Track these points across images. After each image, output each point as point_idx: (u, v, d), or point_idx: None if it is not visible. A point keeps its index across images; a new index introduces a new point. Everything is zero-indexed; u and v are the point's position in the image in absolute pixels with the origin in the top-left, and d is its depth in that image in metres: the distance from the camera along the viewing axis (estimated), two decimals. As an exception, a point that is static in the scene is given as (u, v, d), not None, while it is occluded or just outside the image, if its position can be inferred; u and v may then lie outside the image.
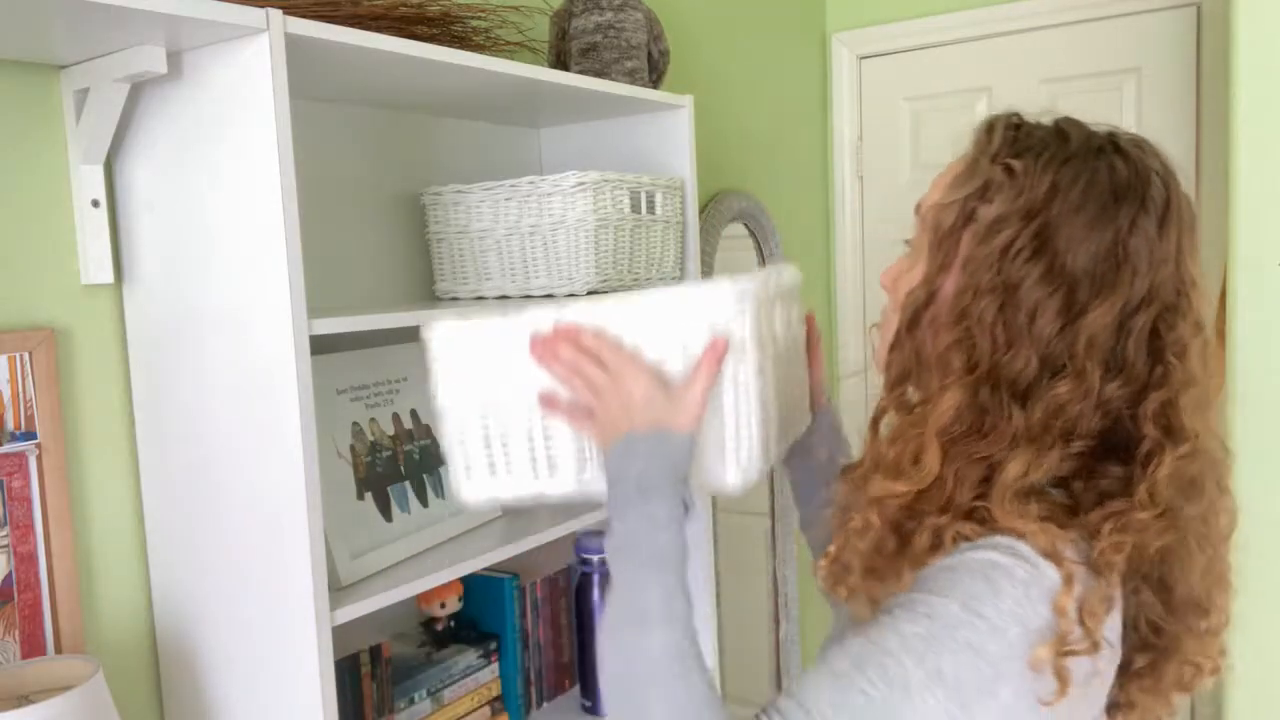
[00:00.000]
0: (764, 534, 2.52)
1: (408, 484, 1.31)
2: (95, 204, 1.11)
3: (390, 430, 1.31)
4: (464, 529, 1.34)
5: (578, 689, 1.58)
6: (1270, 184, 1.75)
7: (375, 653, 1.28)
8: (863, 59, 2.80)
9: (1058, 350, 0.76)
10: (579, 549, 1.53)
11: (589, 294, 1.37)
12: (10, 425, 1.05)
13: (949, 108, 2.70)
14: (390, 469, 1.29)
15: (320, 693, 1.03)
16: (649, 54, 1.59)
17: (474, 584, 1.49)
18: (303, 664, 1.03)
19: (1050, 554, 0.73)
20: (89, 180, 1.10)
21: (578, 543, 1.54)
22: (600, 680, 0.79)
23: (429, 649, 1.42)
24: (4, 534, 1.04)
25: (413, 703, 1.34)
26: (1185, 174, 0.83)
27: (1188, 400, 0.77)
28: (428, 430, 1.37)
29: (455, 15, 1.30)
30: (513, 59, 1.29)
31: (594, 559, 1.52)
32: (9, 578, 1.05)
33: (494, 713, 1.46)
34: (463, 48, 1.28)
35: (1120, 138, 0.81)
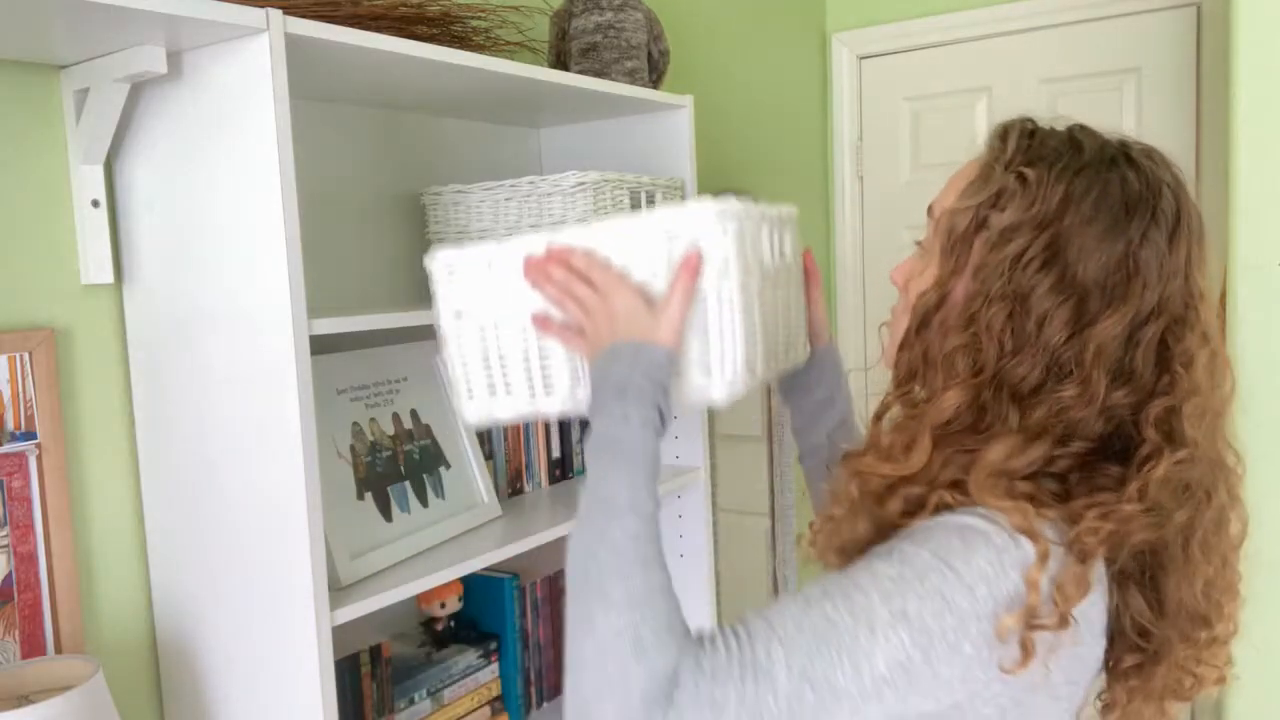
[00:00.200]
0: (764, 534, 2.52)
1: (408, 484, 1.31)
2: (95, 204, 1.11)
3: (390, 430, 1.31)
4: (464, 529, 1.34)
5: (578, 689, 1.58)
6: (1270, 184, 1.75)
7: (375, 653, 1.28)
8: (863, 59, 2.80)
9: (1064, 358, 0.77)
10: (579, 549, 1.53)
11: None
12: (10, 425, 1.05)
13: (949, 108, 2.71)
14: (390, 469, 1.29)
15: (320, 693, 1.03)
16: (649, 54, 1.59)
17: (474, 584, 1.49)
18: (303, 664, 1.03)
19: (1024, 530, 0.74)
20: (89, 180, 1.10)
21: (578, 543, 1.53)
22: (566, 564, 0.81)
23: (429, 649, 1.42)
24: (4, 534, 1.04)
25: (413, 703, 1.34)
26: (1185, 175, 0.84)
27: (1191, 409, 0.78)
28: (428, 430, 1.37)
29: (455, 15, 1.30)
30: (513, 59, 1.29)
31: (594, 559, 1.52)
32: (9, 578, 1.05)
33: (494, 713, 1.46)
34: (463, 48, 1.28)
35: (1132, 148, 0.82)
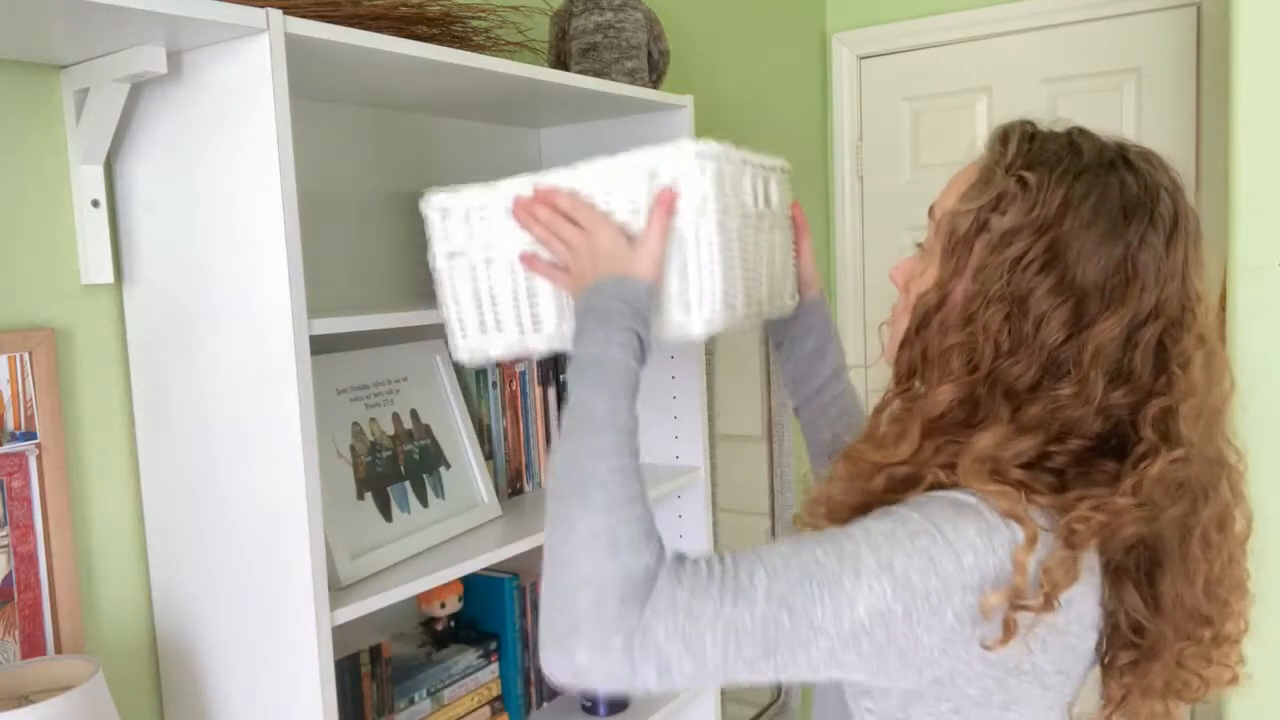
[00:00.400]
0: (764, 534, 2.52)
1: (408, 484, 1.31)
2: (95, 204, 1.11)
3: (390, 430, 1.31)
4: (464, 529, 1.34)
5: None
6: (1270, 184, 1.75)
7: (375, 653, 1.28)
8: (863, 59, 2.80)
9: (1062, 358, 0.79)
10: (579, 549, 1.53)
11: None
12: (10, 425, 1.05)
13: (949, 108, 2.71)
14: (390, 469, 1.29)
15: (320, 693, 1.03)
16: (649, 54, 1.59)
17: (474, 584, 1.49)
18: (303, 664, 1.03)
19: (1010, 514, 0.75)
20: (89, 180, 1.10)
21: (578, 543, 1.53)
22: (548, 474, 0.84)
23: (429, 649, 1.42)
24: (4, 534, 1.04)
25: (413, 703, 1.34)
26: (1185, 174, 0.85)
27: (1187, 409, 0.79)
28: (428, 430, 1.37)
29: (455, 15, 1.30)
30: (513, 59, 1.29)
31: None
32: (9, 578, 1.05)
33: (494, 713, 1.46)
34: (463, 48, 1.28)
35: (1130, 151, 0.83)
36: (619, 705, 1.54)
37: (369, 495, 1.25)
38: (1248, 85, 1.76)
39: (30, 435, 1.06)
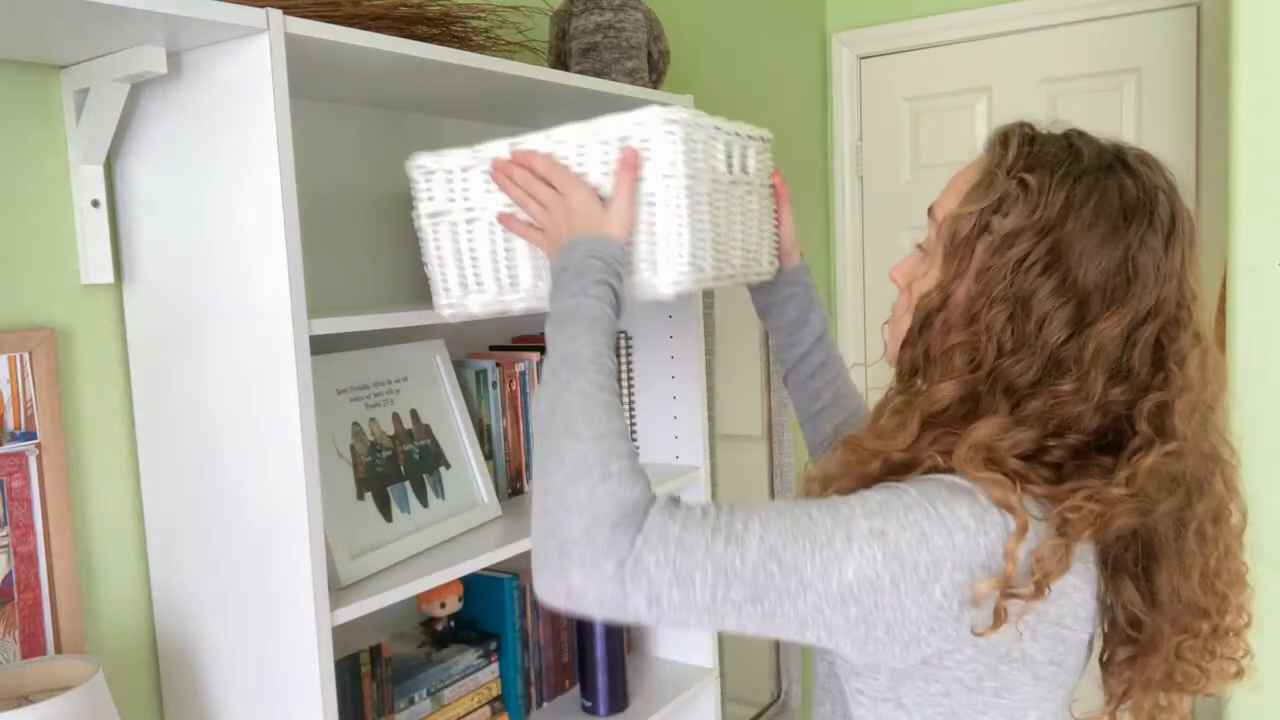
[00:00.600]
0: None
1: (408, 484, 1.31)
2: (95, 204, 1.11)
3: (390, 430, 1.31)
4: (464, 529, 1.34)
5: (578, 689, 1.58)
6: (1270, 184, 1.75)
7: (375, 653, 1.28)
8: (863, 59, 2.80)
9: (1063, 357, 0.80)
10: (579, 549, 1.53)
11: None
12: (10, 425, 1.05)
13: (949, 108, 2.71)
14: (390, 469, 1.29)
15: (320, 693, 1.03)
16: (649, 54, 1.59)
17: (474, 584, 1.49)
18: (303, 664, 1.03)
19: (1001, 503, 0.76)
20: (89, 180, 1.10)
21: (578, 543, 1.53)
22: (534, 417, 0.87)
23: (429, 649, 1.42)
24: (4, 534, 1.04)
25: (413, 703, 1.34)
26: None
27: (1182, 405, 0.80)
28: (428, 430, 1.37)
29: (455, 15, 1.30)
30: (513, 59, 1.29)
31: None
32: (9, 578, 1.05)
33: (494, 713, 1.46)
34: (463, 48, 1.28)
35: (1127, 153, 0.85)
36: (619, 705, 1.54)
37: (369, 495, 1.25)
38: (1248, 85, 1.76)
39: (30, 435, 1.06)
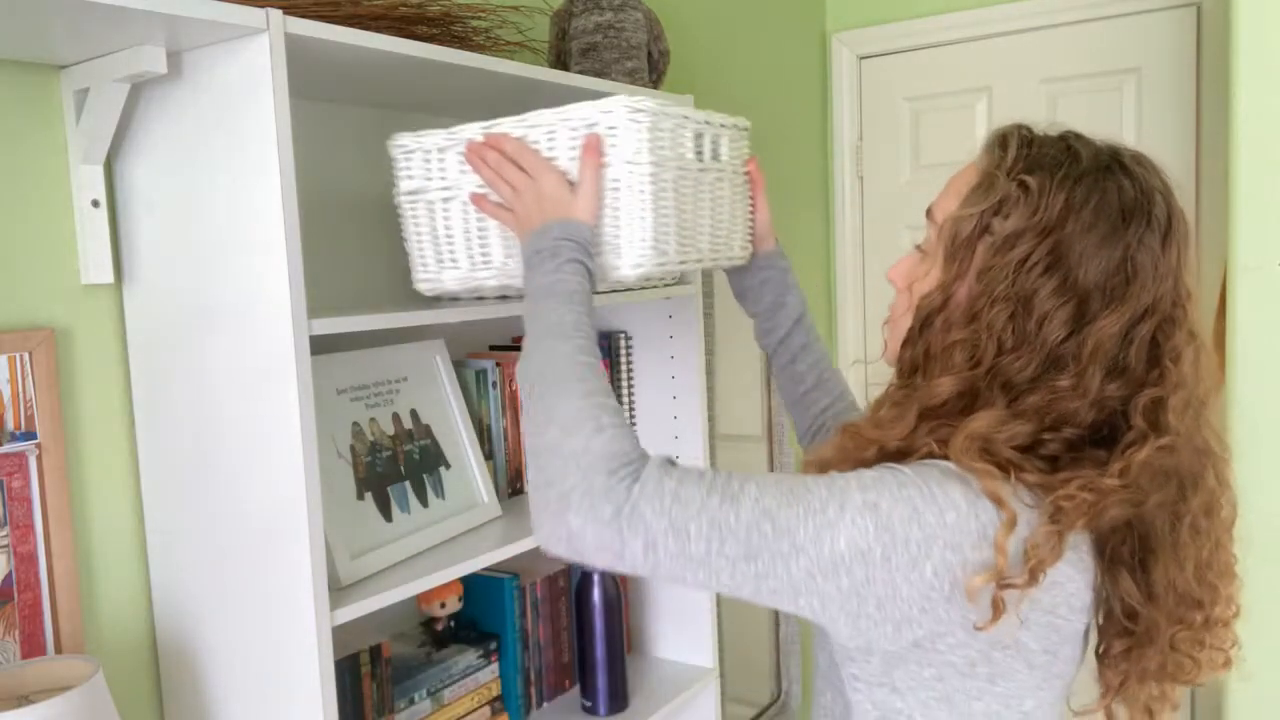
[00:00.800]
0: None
1: (408, 484, 1.31)
2: (95, 204, 1.11)
3: (390, 430, 1.31)
4: (464, 529, 1.34)
5: (578, 689, 1.58)
6: (1270, 185, 1.75)
7: (375, 653, 1.28)
8: (863, 59, 2.80)
9: (1061, 354, 0.82)
10: (579, 549, 1.53)
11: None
12: (10, 425, 1.05)
13: (949, 108, 2.71)
14: (390, 469, 1.29)
15: (320, 693, 1.03)
16: (649, 54, 1.59)
17: (474, 584, 1.49)
18: (303, 664, 1.03)
19: (992, 495, 0.78)
20: (89, 180, 1.10)
21: (578, 543, 1.53)
22: (521, 384, 0.91)
23: (429, 649, 1.42)
24: (4, 534, 1.04)
25: (413, 703, 1.34)
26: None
27: (1177, 401, 0.82)
28: (428, 430, 1.37)
29: (455, 15, 1.30)
30: (513, 59, 1.29)
31: (594, 559, 1.52)
32: (9, 578, 1.05)
33: (494, 713, 1.46)
34: (463, 48, 1.28)
35: (1123, 155, 0.87)
36: (619, 705, 1.54)
37: (369, 495, 1.25)
38: (1248, 85, 1.76)
39: (30, 435, 1.06)
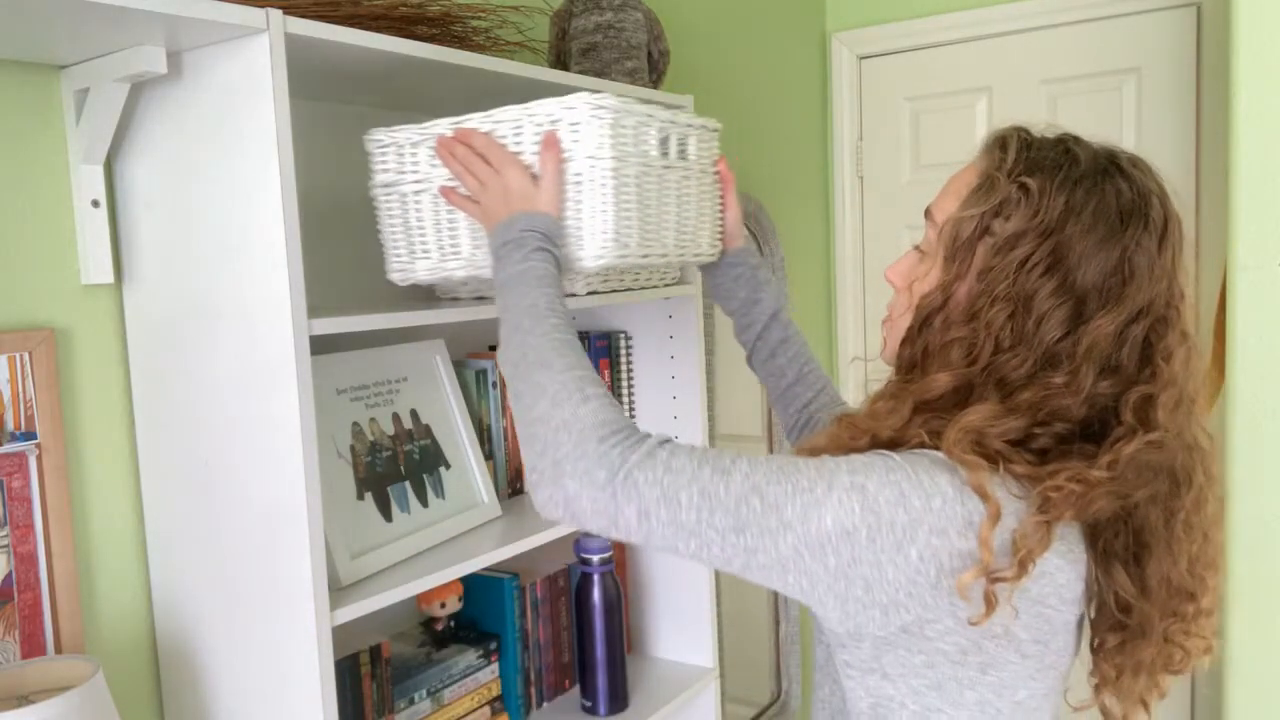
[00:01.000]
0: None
1: (408, 484, 1.31)
2: (95, 204, 1.11)
3: (390, 430, 1.31)
4: (464, 529, 1.34)
5: (578, 689, 1.58)
6: (1270, 184, 1.75)
7: (375, 653, 1.28)
8: (863, 59, 2.80)
9: (1056, 352, 0.83)
10: (579, 549, 1.53)
11: (589, 294, 1.37)
12: (10, 425, 1.05)
13: (949, 108, 2.71)
14: (390, 469, 1.29)
15: (320, 693, 1.03)
16: (649, 54, 1.59)
17: (474, 584, 1.49)
18: (303, 664, 1.03)
19: (977, 488, 0.79)
20: (89, 180, 1.10)
21: (578, 543, 1.54)
22: (505, 369, 0.94)
23: (429, 649, 1.42)
24: (4, 534, 1.04)
25: (413, 703, 1.34)
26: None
27: (1166, 398, 0.84)
28: (428, 430, 1.37)
29: (455, 15, 1.30)
30: (513, 59, 1.29)
31: (594, 559, 1.52)
32: (9, 578, 1.05)
33: (494, 713, 1.46)
34: (463, 48, 1.28)
35: (1120, 158, 0.88)
36: (619, 705, 1.54)
37: (369, 495, 1.25)
38: (1248, 85, 1.76)
39: (30, 435, 1.06)
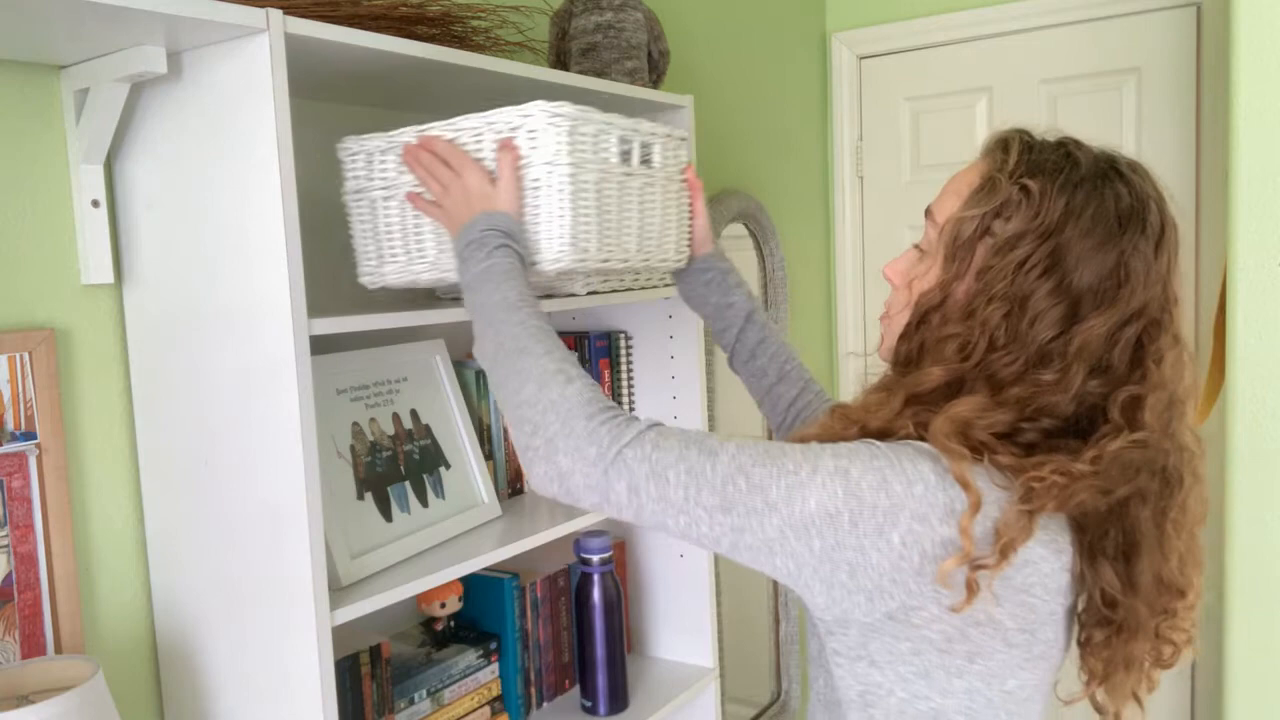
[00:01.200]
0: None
1: (408, 484, 1.31)
2: (95, 204, 1.11)
3: (390, 430, 1.31)
4: (464, 529, 1.34)
5: (578, 689, 1.58)
6: (1270, 184, 1.75)
7: (375, 653, 1.28)
8: (863, 59, 2.80)
9: (1048, 350, 0.84)
10: (579, 549, 1.53)
11: (589, 294, 1.37)
12: (10, 425, 1.05)
13: (949, 108, 2.71)
14: (390, 469, 1.29)
15: (320, 693, 1.03)
16: (649, 54, 1.59)
17: (474, 584, 1.49)
18: (303, 664, 1.03)
19: (959, 478, 0.80)
20: (89, 180, 1.10)
21: (578, 543, 1.54)
22: (484, 363, 0.96)
23: (429, 649, 1.42)
24: (4, 534, 1.04)
25: (413, 703, 1.34)
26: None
27: (1155, 400, 0.85)
28: (428, 430, 1.37)
29: (455, 15, 1.30)
30: (513, 59, 1.29)
31: (594, 559, 1.52)
32: (9, 578, 1.05)
33: (494, 713, 1.46)
34: (463, 48, 1.28)
35: (1120, 162, 0.90)
36: (619, 705, 1.54)
37: (369, 495, 1.25)
38: (1248, 85, 1.76)
39: (30, 435, 1.06)
